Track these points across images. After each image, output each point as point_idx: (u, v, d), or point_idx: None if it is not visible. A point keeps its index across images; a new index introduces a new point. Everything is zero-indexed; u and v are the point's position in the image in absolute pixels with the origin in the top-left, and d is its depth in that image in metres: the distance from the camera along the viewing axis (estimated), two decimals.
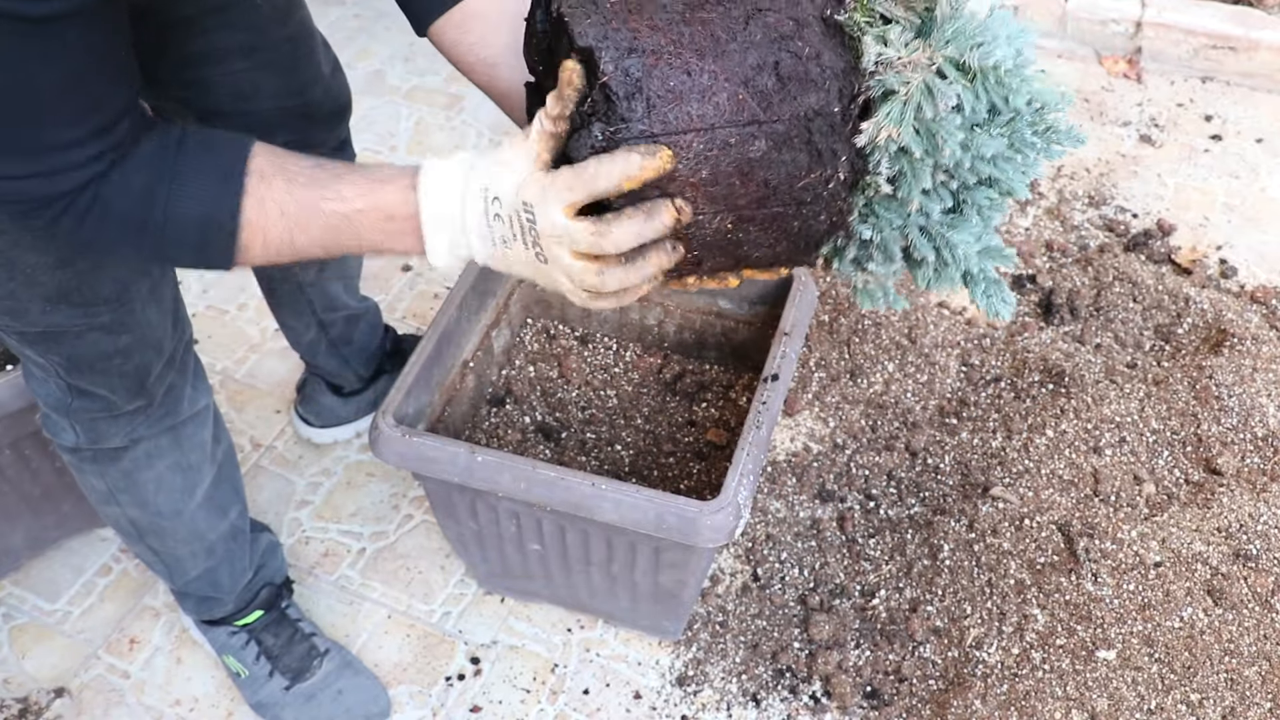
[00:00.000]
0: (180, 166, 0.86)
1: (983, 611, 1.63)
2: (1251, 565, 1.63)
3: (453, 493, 1.43)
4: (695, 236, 0.94)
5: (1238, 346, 1.92)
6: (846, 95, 0.93)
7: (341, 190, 0.90)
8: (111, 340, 1.15)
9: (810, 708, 1.57)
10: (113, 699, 1.62)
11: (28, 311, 1.09)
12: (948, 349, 2.01)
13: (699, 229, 0.94)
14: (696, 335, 1.74)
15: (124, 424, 1.25)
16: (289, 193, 0.89)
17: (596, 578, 1.52)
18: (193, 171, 0.87)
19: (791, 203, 0.95)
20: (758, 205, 0.94)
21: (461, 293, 1.56)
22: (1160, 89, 2.67)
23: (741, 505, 1.29)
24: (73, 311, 1.10)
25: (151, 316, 1.18)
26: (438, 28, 1.09)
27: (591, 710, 1.59)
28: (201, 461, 1.37)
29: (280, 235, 0.90)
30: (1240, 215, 2.32)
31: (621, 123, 0.88)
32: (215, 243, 0.90)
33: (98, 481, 1.32)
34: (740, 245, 0.97)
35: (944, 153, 0.91)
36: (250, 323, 2.15)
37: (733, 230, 0.95)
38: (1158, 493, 1.76)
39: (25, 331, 1.12)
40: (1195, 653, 1.54)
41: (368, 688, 1.58)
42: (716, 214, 0.94)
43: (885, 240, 0.99)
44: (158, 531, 1.39)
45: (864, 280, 1.05)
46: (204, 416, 1.35)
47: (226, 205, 0.88)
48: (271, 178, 0.89)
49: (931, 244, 0.98)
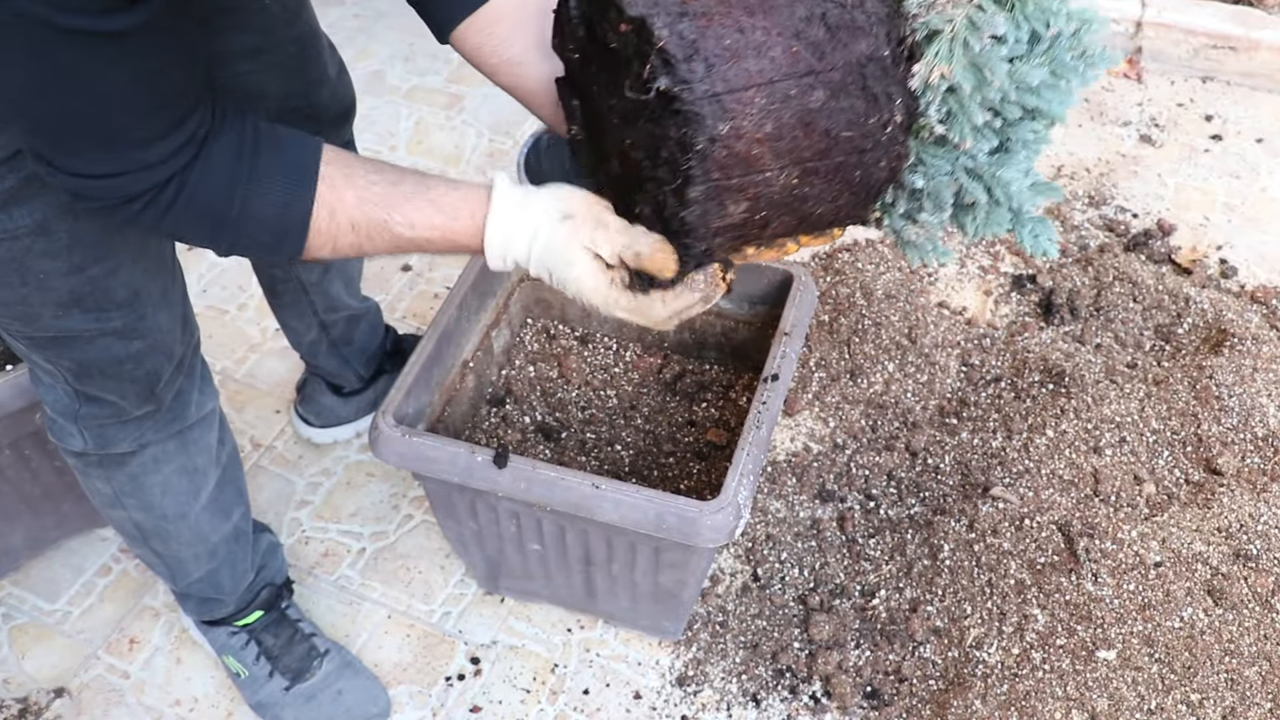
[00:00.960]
0: (256, 168, 0.90)
1: (983, 611, 1.63)
2: (1252, 565, 1.63)
3: (452, 493, 1.43)
4: (763, 195, 0.95)
5: (1238, 346, 1.92)
6: (894, 39, 0.95)
7: (412, 217, 0.96)
8: (123, 345, 1.15)
9: (810, 708, 1.57)
10: (112, 699, 1.62)
11: (39, 317, 1.09)
12: (948, 349, 2.01)
13: (766, 187, 0.95)
14: (696, 335, 1.74)
15: (132, 429, 1.25)
16: (360, 209, 0.94)
17: (596, 578, 1.52)
18: (267, 173, 0.91)
19: (853, 151, 0.96)
20: (821, 156, 0.95)
21: (461, 293, 1.56)
22: (1160, 89, 2.66)
23: (741, 505, 1.29)
24: (85, 316, 1.10)
25: (162, 321, 1.18)
26: (460, 33, 1.10)
27: (591, 710, 1.59)
28: (207, 465, 1.37)
29: (349, 244, 0.96)
30: (1240, 215, 2.32)
31: (683, 84, 0.88)
32: (287, 245, 0.95)
33: (103, 486, 1.32)
34: (805, 201, 0.98)
35: (992, 85, 0.94)
36: (250, 323, 2.15)
37: (798, 184, 0.96)
38: (1158, 493, 1.76)
39: (36, 337, 1.12)
40: (1195, 653, 1.54)
41: (368, 688, 1.58)
42: (782, 169, 0.94)
43: (936, 188, 1.01)
44: (162, 534, 1.38)
45: (914, 234, 1.07)
46: (210, 420, 1.35)
47: (299, 211, 0.92)
48: (343, 189, 0.93)
49: (982, 185, 1.00)
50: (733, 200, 0.95)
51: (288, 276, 1.64)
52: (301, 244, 0.94)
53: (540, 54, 1.10)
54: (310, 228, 0.93)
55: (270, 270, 1.64)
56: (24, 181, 0.97)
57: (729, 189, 0.94)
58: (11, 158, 0.95)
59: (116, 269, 1.09)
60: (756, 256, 1.04)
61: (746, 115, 0.90)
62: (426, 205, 0.97)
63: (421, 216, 0.97)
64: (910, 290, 2.08)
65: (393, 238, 0.97)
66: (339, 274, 1.69)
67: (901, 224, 1.06)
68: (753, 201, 0.95)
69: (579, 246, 0.98)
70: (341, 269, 1.69)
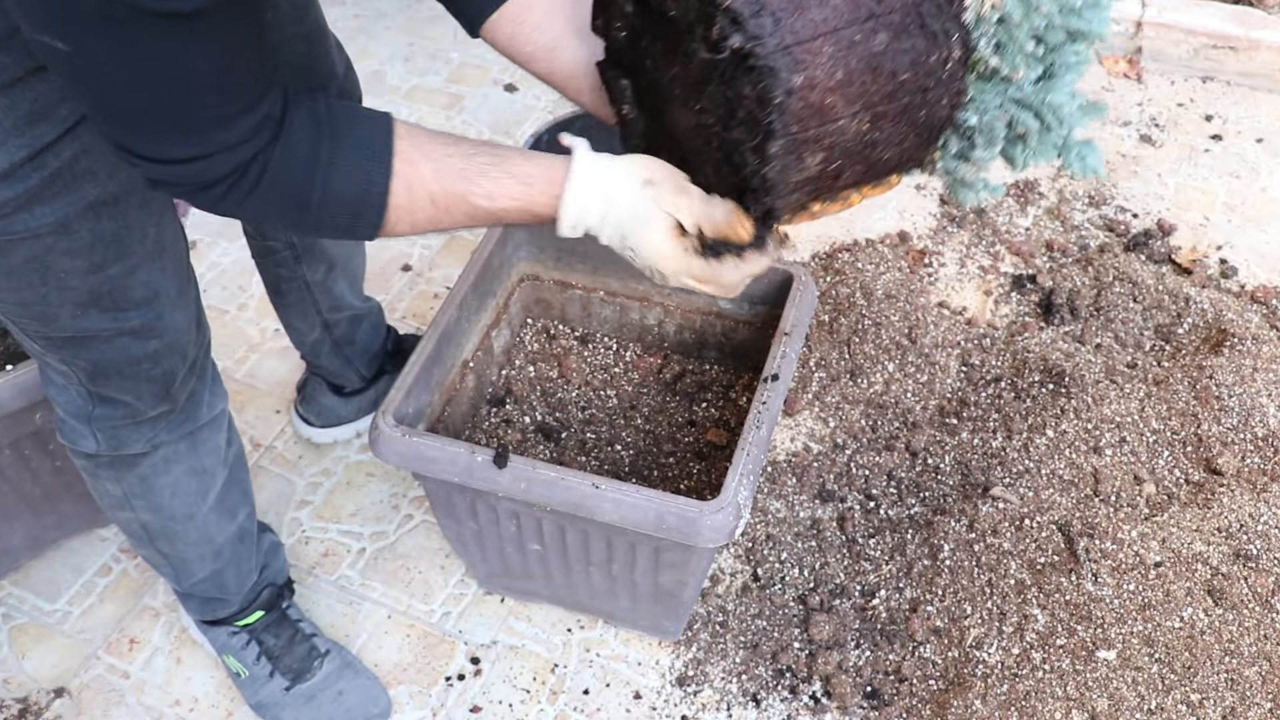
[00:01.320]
0: (336, 145, 0.90)
1: (983, 611, 1.63)
2: (1252, 565, 1.63)
3: (453, 493, 1.43)
4: (837, 145, 0.98)
5: (1238, 346, 1.92)
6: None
7: (491, 189, 0.97)
8: (140, 345, 1.15)
9: (810, 708, 1.57)
10: (112, 699, 1.62)
11: (58, 317, 1.08)
12: (948, 349, 2.01)
13: (840, 135, 0.97)
14: (696, 335, 1.74)
15: (146, 430, 1.25)
16: (438, 182, 0.95)
17: (596, 578, 1.52)
18: (345, 151, 0.91)
19: (917, 91, 0.98)
20: (889, 99, 0.97)
21: (461, 293, 1.56)
22: (1160, 89, 2.66)
23: (741, 505, 1.29)
24: (103, 316, 1.10)
25: (179, 321, 1.18)
26: (491, 25, 1.11)
27: (591, 710, 1.59)
28: (216, 466, 1.37)
29: (427, 218, 0.96)
30: (1241, 215, 2.32)
31: (755, 39, 0.90)
32: (364, 223, 0.95)
33: (113, 487, 1.32)
34: (875, 146, 1.00)
35: (1040, 10, 0.97)
36: (250, 323, 2.15)
37: (869, 130, 0.98)
38: (1158, 493, 1.76)
39: (53, 337, 1.11)
40: (1195, 653, 1.54)
41: (368, 688, 1.58)
42: (854, 115, 0.97)
43: (989, 122, 1.04)
44: (169, 535, 1.38)
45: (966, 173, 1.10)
46: (220, 421, 1.35)
47: (377, 188, 0.92)
48: (419, 163, 0.94)
49: (1032, 113, 1.03)
50: (810, 152, 0.97)
51: (292, 276, 1.64)
52: (380, 221, 0.94)
53: (576, 38, 1.11)
54: (389, 204, 0.93)
55: (275, 270, 1.64)
56: (48, 180, 0.97)
57: (807, 140, 0.96)
58: (37, 155, 0.95)
59: (135, 268, 1.09)
60: (822, 212, 1.06)
61: (818, 65, 0.92)
62: (504, 177, 0.98)
63: (500, 188, 0.97)
64: (910, 290, 2.08)
65: (471, 210, 0.97)
66: (343, 273, 1.69)
67: (955, 164, 1.09)
68: (828, 152, 0.98)
69: (660, 213, 1.00)
70: (346, 268, 1.69)
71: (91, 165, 0.99)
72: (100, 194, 1.01)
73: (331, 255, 1.64)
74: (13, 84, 0.90)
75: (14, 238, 0.99)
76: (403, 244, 2.30)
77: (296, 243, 1.59)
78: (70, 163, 0.97)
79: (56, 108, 0.94)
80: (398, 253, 2.29)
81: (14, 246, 1.00)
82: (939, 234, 2.28)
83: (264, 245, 1.61)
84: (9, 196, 0.96)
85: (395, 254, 2.29)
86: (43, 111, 0.93)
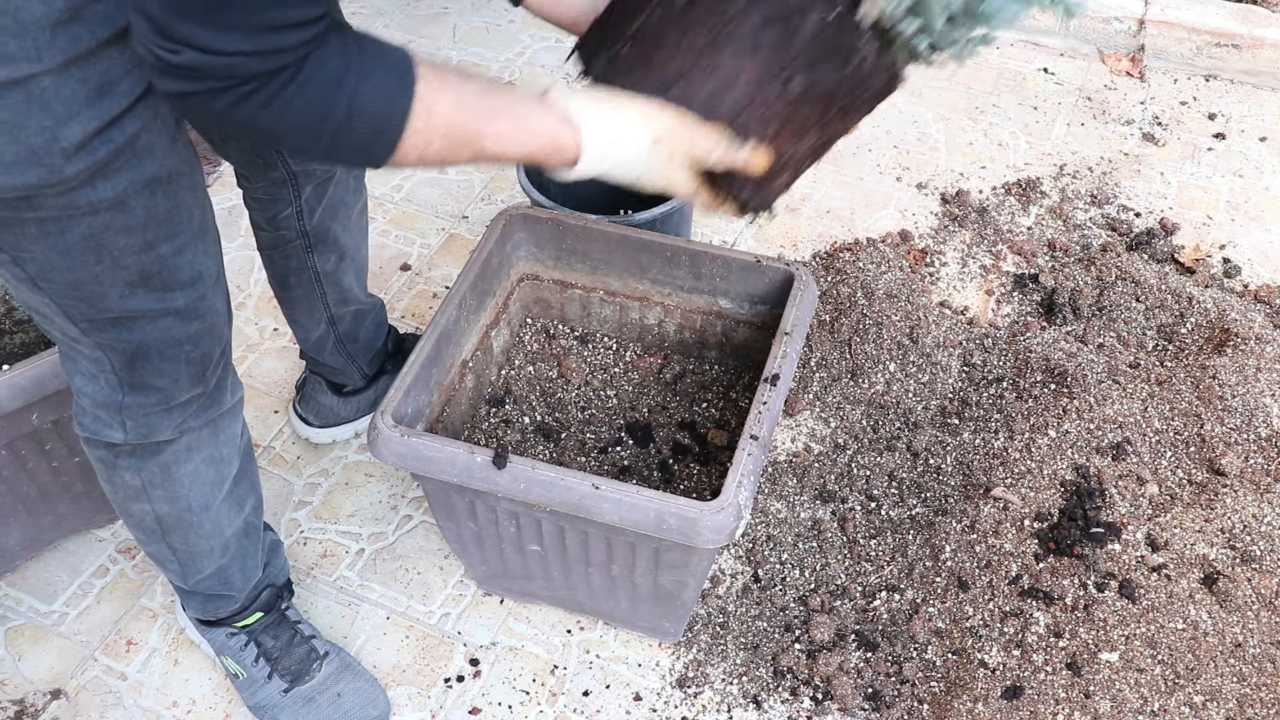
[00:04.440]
0: (365, 60, 0.90)
1: (984, 613, 1.62)
2: (1255, 566, 1.62)
3: (452, 493, 1.42)
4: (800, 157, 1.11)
5: (1241, 346, 1.91)
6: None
7: (501, 130, 0.99)
8: (183, 326, 1.16)
9: (811, 709, 1.56)
10: (109, 701, 1.61)
11: (106, 296, 1.09)
12: (949, 349, 2.00)
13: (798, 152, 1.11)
14: (696, 335, 1.73)
15: (176, 415, 1.26)
16: (455, 114, 0.96)
17: (596, 579, 1.51)
18: (374, 67, 0.91)
19: (849, 92, 1.08)
20: (826, 110, 1.09)
21: (460, 292, 1.55)
22: (1163, 87, 2.66)
23: (742, 506, 1.28)
24: (150, 296, 1.11)
25: (218, 304, 1.20)
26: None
27: (591, 712, 1.58)
28: (232, 454, 1.38)
29: (437, 151, 0.96)
30: (1244, 214, 2.31)
31: None
32: (382, 144, 0.93)
33: (132, 478, 1.32)
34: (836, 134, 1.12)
35: None
36: (249, 322, 2.14)
37: (820, 134, 1.11)
38: (1161, 493, 1.75)
39: (97, 319, 1.12)
40: (1199, 654, 1.53)
41: (367, 691, 1.57)
42: (802, 139, 1.09)
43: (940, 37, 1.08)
44: (183, 527, 1.38)
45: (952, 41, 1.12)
46: (238, 409, 1.37)
47: (401, 106, 0.92)
48: (440, 90, 0.94)
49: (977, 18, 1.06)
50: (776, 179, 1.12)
51: (302, 267, 1.64)
52: (397, 142, 0.93)
53: None
54: (408, 127, 0.92)
55: (285, 261, 1.64)
56: (113, 155, 0.98)
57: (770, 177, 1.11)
58: (105, 128, 0.95)
59: (183, 248, 1.10)
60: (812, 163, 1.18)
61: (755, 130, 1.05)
62: (517, 122, 1.00)
63: (513, 134, 0.99)
64: (912, 290, 2.07)
65: (478, 151, 0.98)
66: (351, 264, 1.70)
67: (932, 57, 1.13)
68: (794, 167, 1.12)
69: (673, 168, 1.10)
70: (354, 258, 1.70)
71: (150, 142, 1.01)
72: (157, 171, 1.03)
73: (343, 245, 1.65)
74: (86, 56, 0.91)
75: (76, 213, 1.00)
76: (402, 243, 2.30)
77: (309, 231, 1.59)
78: (133, 138, 0.98)
79: (122, 80, 0.95)
80: (397, 252, 2.28)
81: (74, 222, 1.01)
82: (940, 233, 2.27)
83: (275, 236, 1.61)
84: (78, 169, 0.96)
85: (395, 253, 2.28)
86: (110, 84, 0.94)
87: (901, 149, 2.51)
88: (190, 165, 1.10)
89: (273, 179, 1.53)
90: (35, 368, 1.48)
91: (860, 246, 2.21)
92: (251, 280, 2.21)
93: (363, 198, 1.67)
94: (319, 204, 1.58)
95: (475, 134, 0.97)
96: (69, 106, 0.92)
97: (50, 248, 1.03)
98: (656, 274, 1.66)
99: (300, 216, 1.58)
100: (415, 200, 2.41)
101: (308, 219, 1.58)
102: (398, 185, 2.44)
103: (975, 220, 2.29)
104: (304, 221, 1.58)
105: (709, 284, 1.64)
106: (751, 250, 2.23)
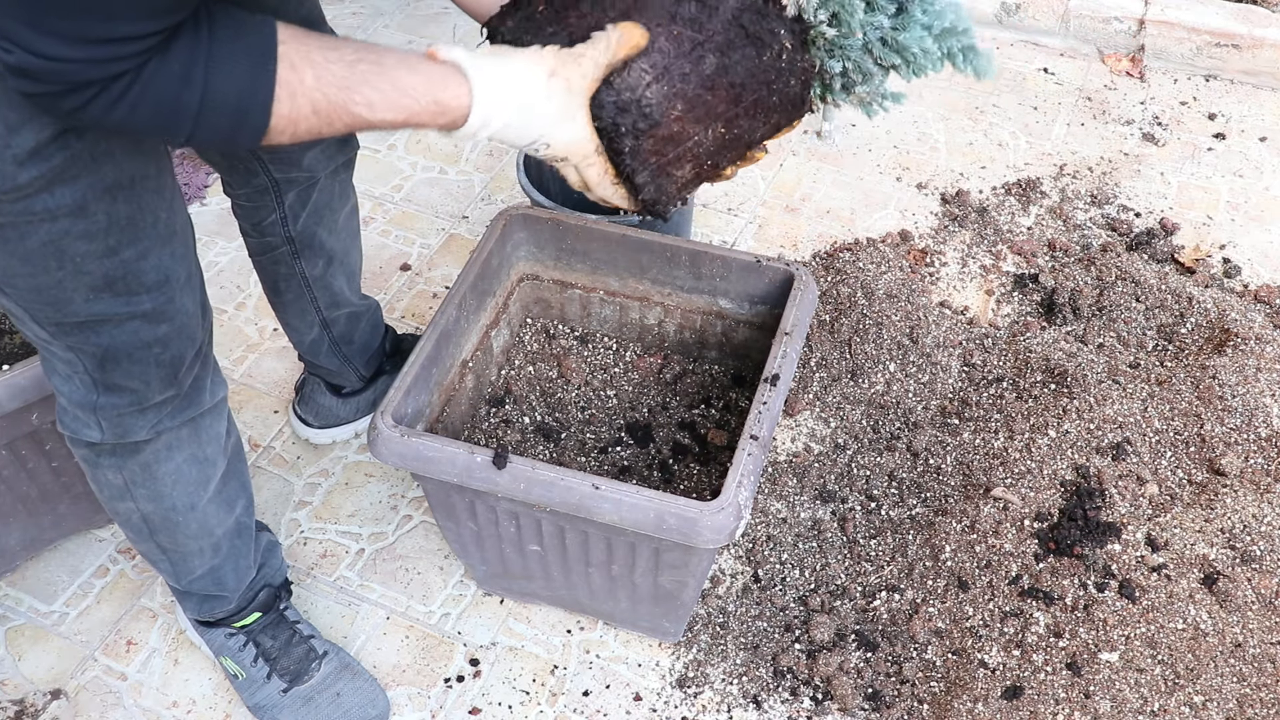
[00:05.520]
0: (214, 51, 0.88)
1: (984, 613, 1.62)
2: (1255, 566, 1.62)
3: (452, 493, 1.42)
4: (702, 151, 1.07)
5: (1241, 346, 1.91)
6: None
7: (371, 98, 0.95)
8: (151, 329, 1.15)
9: (811, 710, 1.56)
10: (109, 701, 1.61)
11: (71, 301, 1.09)
12: (949, 349, 2.00)
13: (700, 146, 1.07)
14: (696, 335, 1.73)
15: (151, 416, 1.25)
16: (320, 90, 0.93)
17: (596, 579, 1.51)
18: (226, 57, 0.89)
19: (761, 86, 1.07)
20: (735, 103, 1.06)
21: (460, 292, 1.55)
22: (1163, 87, 2.66)
23: (742, 506, 1.28)
24: (115, 300, 1.10)
25: (187, 305, 1.19)
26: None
27: (591, 712, 1.58)
28: (216, 454, 1.37)
29: (309, 129, 0.95)
30: (1244, 214, 2.31)
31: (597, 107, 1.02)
32: (246, 130, 0.92)
33: (114, 476, 1.32)
34: (740, 137, 1.10)
35: None
36: (248, 322, 2.14)
37: (726, 130, 1.08)
38: (1160, 493, 1.75)
39: (65, 322, 1.12)
40: (1199, 655, 1.53)
41: (366, 690, 1.57)
42: (708, 128, 1.06)
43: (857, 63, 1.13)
44: (169, 527, 1.38)
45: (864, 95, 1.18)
46: (221, 409, 1.36)
47: (260, 96, 0.90)
48: (302, 69, 0.92)
49: (894, 50, 1.11)
50: (676, 168, 1.07)
51: (290, 272, 1.64)
52: (263, 128, 0.92)
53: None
54: (274, 111, 0.91)
55: (273, 267, 1.64)
56: (70, 160, 0.97)
57: (669, 163, 1.07)
58: (62, 134, 0.95)
59: (148, 252, 1.10)
60: (732, 173, 1.15)
61: (655, 106, 1.01)
62: (387, 86, 0.96)
63: (382, 98, 0.96)
64: (911, 290, 2.07)
65: (351, 119, 0.96)
66: (341, 268, 1.69)
67: (845, 97, 1.18)
68: (695, 160, 1.08)
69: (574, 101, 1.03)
70: (344, 262, 1.69)
71: (110, 148, 1.00)
72: (118, 177, 1.02)
73: (330, 249, 1.64)
74: None
75: (34, 219, 0.99)
76: (401, 243, 2.30)
77: (294, 237, 1.58)
78: (92, 144, 0.98)
79: None
80: (396, 252, 2.28)
81: (33, 229, 1.00)
82: (940, 233, 2.27)
83: (261, 242, 1.60)
84: (34, 175, 0.96)
85: (394, 253, 2.28)
86: None
87: (901, 149, 2.51)
88: (158, 168, 1.09)
89: (255, 186, 1.52)
90: (35, 368, 1.47)
91: (860, 246, 2.21)
92: (251, 280, 2.21)
93: (350, 200, 1.66)
94: (303, 210, 1.56)
95: (343, 106, 0.94)
96: (21, 113, 0.92)
97: (10, 254, 1.02)
98: (656, 274, 1.66)
99: (285, 223, 1.57)
100: (415, 200, 2.40)
101: (292, 225, 1.57)
102: (398, 185, 2.44)
103: (975, 220, 2.29)
104: (289, 228, 1.58)
105: (709, 284, 1.64)
106: (751, 250, 2.23)
